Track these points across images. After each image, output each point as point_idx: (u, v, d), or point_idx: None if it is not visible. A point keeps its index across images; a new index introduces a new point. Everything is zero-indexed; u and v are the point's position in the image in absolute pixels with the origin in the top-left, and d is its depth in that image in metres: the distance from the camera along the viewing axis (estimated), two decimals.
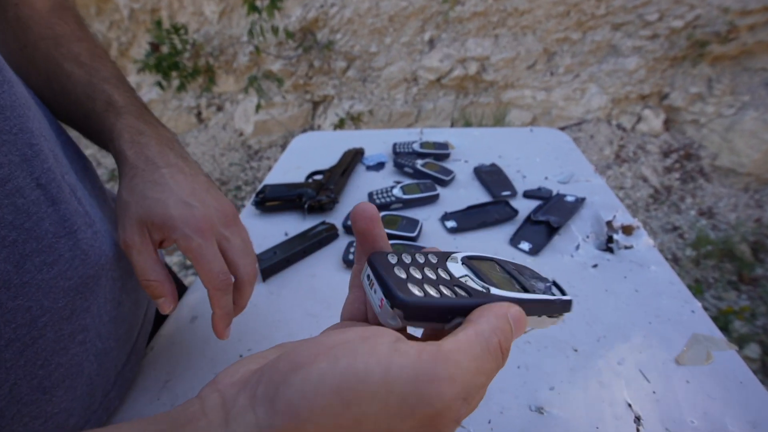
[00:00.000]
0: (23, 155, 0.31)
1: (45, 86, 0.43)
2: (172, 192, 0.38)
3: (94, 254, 0.36)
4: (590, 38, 2.78)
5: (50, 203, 0.32)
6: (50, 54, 0.43)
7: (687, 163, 2.73)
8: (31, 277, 0.31)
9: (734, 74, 2.66)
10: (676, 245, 2.37)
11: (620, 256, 0.61)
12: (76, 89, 0.42)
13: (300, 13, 2.92)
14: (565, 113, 2.94)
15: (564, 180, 0.78)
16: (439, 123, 3.08)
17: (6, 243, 0.29)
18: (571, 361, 0.47)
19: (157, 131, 0.43)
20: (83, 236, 0.35)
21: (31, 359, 0.31)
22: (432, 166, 0.81)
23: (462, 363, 0.19)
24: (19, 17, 0.42)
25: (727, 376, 0.44)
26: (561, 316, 0.27)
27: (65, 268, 0.33)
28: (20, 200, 0.30)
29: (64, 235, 0.33)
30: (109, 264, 0.38)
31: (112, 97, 0.42)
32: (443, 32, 2.92)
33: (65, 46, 0.43)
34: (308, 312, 0.54)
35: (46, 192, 0.32)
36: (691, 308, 0.52)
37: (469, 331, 0.21)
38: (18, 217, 0.30)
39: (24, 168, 0.31)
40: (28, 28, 0.43)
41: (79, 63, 0.43)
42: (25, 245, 0.30)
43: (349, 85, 3.14)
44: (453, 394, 0.19)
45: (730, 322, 1.88)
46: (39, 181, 0.32)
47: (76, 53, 0.44)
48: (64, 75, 0.42)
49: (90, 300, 0.36)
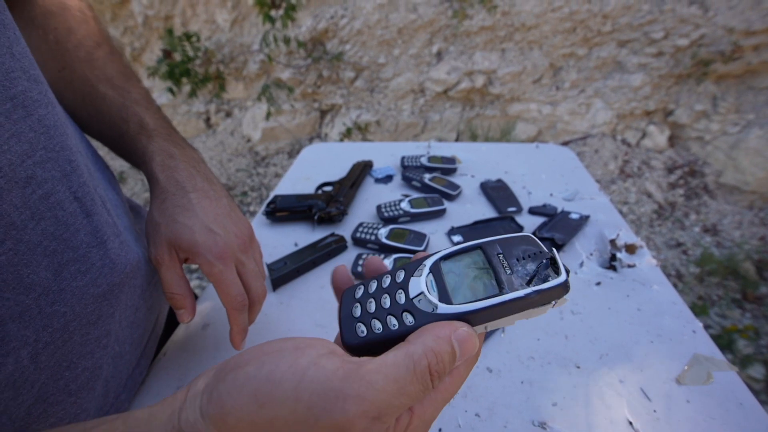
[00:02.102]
0: (63, 171, 0.33)
1: (80, 106, 0.46)
2: (197, 218, 0.42)
3: (120, 263, 0.38)
4: (596, 54, 2.81)
5: (85, 215, 0.35)
6: (86, 76, 0.46)
7: (691, 179, 2.74)
8: (67, 285, 0.33)
9: (739, 92, 2.68)
10: (680, 262, 2.36)
11: (623, 274, 0.62)
12: (111, 111, 0.46)
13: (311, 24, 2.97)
14: (570, 127, 2.96)
15: (569, 197, 0.80)
16: (446, 134, 3.11)
17: (47, 252, 0.31)
18: (574, 377, 0.48)
19: (185, 153, 0.46)
20: (112, 246, 0.37)
21: (59, 361, 0.33)
22: (439, 181, 0.82)
23: (377, 384, 0.20)
24: (59, 41, 0.45)
25: (727, 397, 0.45)
26: (559, 300, 0.25)
27: (96, 276, 0.35)
28: (60, 212, 0.32)
29: (96, 245, 0.36)
30: (132, 272, 0.40)
31: (143, 120, 0.46)
32: (451, 45, 2.96)
33: (100, 68, 0.46)
34: (317, 323, 0.55)
35: (82, 205, 0.35)
36: (693, 328, 0.53)
37: (399, 352, 0.22)
38: (58, 229, 0.32)
39: (64, 183, 0.33)
40: (66, 51, 0.46)
41: (112, 85, 0.46)
42: (63, 255, 0.33)
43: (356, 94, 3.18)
44: (358, 412, 0.20)
45: (734, 341, 1.87)
46: (76, 195, 0.34)
47: (109, 75, 0.47)
48: (99, 97, 0.46)
49: (114, 306, 0.38)
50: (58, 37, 0.45)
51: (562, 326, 0.54)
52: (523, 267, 0.25)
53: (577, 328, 0.54)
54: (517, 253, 0.26)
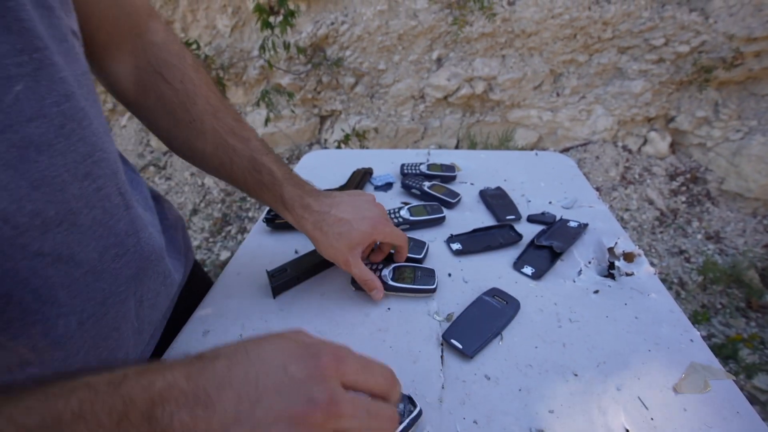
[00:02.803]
0: (113, 170, 0.41)
1: (212, 154, 0.53)
2: (350, 221, 0.54)
3: (148, 251, 0.46)
4: (596, 61, 2.82)
5: (126, 208, 0.42)
6: (215, 129, 0.53)
7: (693, 186, 2.74)
8: (108, 265, 0.40)
9: (741, 99, 2.68)
10: (682, 269, 2.36)
11: (621, 282, 0.62)
12: (242, 162, 0.53)
13: (311, 30, 2.99)
14: (570, 134, 2.97)
15: (567, 205, 0.80)
16: (445, 140, 3.12)
17: (95, 236, 0.38)
18: (571, 385, 0.48)
19: (305, 189, 0.56)
20: (143, 236, 0.45)
21: (99, 332, 0.39)
22: (439, 188, 0.83)
23: None
24: (187, 93, 0.51)
25: (724, 405, 0.45)
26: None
27: (129, 259, 0.42)
28: (107, 204, 0.40)
29: (132, 233, 0.43)
30: (156, 260, 0.47)
31: (272, 170, 0.54)
32: (451, 51, 2.97)
33: (223, 119, 0.53)
34: (317, 330, 0.56)
35: (124, 199, 0.42)
36: (690, 337, 0.53)
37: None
38: (105, 217, 0.39)
39: (113, 180, 0.40)
40: (195, 105, 0.52)
41: (237, 137, 0.53)
42: (107, 239, 0.40)
43: (356, 100, 3.19)
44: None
45: (739, 349, 1.85)
46: (120, 190, 0.42)
47: (231, 126, 0.53)
48: (230, 149, 0.53)
49: (139, 287, 0.45)
50: (187, 89, 0.51)
51: (560, 334, 0.54)
52: None
53: (575, 336, 0.54)
54: None
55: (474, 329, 0.54)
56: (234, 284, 0.65)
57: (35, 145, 0.32)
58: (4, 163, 0.30)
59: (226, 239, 2.77)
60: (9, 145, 0.30)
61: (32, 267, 0.33)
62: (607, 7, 2.67)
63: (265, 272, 0.63)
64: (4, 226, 0.30)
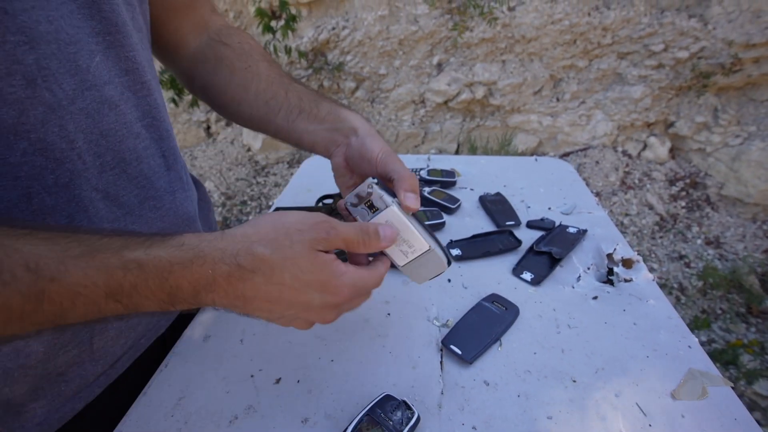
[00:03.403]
0: (160, 135, 0.49)
1: (267, 89, 0.56)
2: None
3: (182, 211, 0.52)
4: (596, 66, 2.84)
5: (166, 169, 0.50)
6: (269, 69, 0.57)
7: (693, 191, 2.74)
8: (145, 213, 0.47)
9: (740, 104, 2.69)
10: (682, 274, 2.36)
11: (620, 288, 0.63)
12: (299, 87, 0.56)
13: (312, 35, 3.01)
14: (570, 139, 2.97)
15: (567, 211, 0.80)
16: (446, 145, 3.13)
17: (138, 186, 0.46)
18: (570, 391, 0.48)
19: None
20: (179, 197, 0.52)
21: None
22: (439, 194, 0.83)
23: (342, 224, 0.38)
24: (243, 49, 0.59)
25: (722, 412, 0.45)
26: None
27: (164, 214, 0.49)
28: (152, 161, 0.48)
29: (169, 191, 0.50)
30: (188, 221, 0.53)
31: (325, 94, 0.58)
32: (452, 56, 2.99)
33: (276, 66, 0.59)
34: (317, 335, 0.56)
35: (166, 161, 0.50)
36: (688, 343, 0.53)
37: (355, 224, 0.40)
38: (148, 171, 0.47)
39: (158, 143, 0.49)
40: (251, 55, 0.58)
41: (289, 78, 0.58)
42: (147, 191, 0.47)
43: (357, 105, 3.20)
44: (329, 228, 0.37)
45: (739, 355, 1.85)
46: (164, 153, 0.50)
47: (286, 72, 0.59)
48: (287, 80, 0.57)
49: None
50: (244, 47, 0.59)
51: (559, 340, 0.55)
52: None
53: (574, 342, 0.54)
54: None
55: (473, 335, 0.54)
56: None
57: (108, 103, 0.41)
58: (87, 113, 0.39)
59: None
60: (92, 99, 0.40)
61: (90, 198, 0.41)
62: (606, 13, 2.68)
63: None
64: (77, 161, 0.39)
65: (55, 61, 0.36)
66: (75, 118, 0.38)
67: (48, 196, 0.37)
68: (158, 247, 0.32)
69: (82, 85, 0.39)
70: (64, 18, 0.37)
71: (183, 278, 0.32)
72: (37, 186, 0.36)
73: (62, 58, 0.37)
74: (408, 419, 0.44)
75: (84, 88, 0.39)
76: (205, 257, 0.32)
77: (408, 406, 0.45)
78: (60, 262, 0.29)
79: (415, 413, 0.44)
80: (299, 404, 0.47)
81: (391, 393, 0.46)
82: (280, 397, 0.48)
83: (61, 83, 0.37)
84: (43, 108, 0.35)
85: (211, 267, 0.32)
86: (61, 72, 0.37)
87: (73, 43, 0.38)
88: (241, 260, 0.33)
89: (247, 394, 0.49)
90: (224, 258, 0.33)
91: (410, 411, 0.44)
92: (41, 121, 0.36)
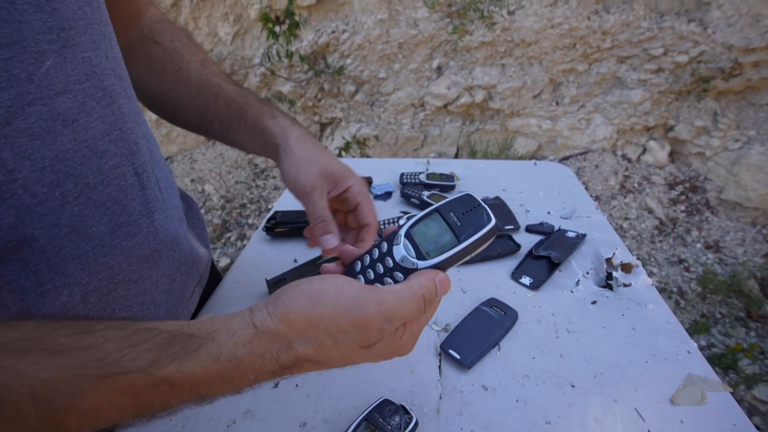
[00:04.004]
0: (130, 150, 0.41)
1: (198, 96, 0.54)
2: (333, 158, 0.50)
3: (163, 233, 0.45)
4: (596, 70, 2.84)
5: (140, 188, 0.43)
6: (200, 72, 0.55)
7: (693, 195, 2.74)
8: (118, 242, 0.40)
9: (739, 109, 2.70)
10: (682, 279, 2.35)
11: (619, 293, 0.62)
12: (227, 93, 0.54)
13: (312, 38, 3.02)
14: (570, 142, 2.98)
15: (566, 215, 0.80)
16: (445, 148, 3.13)
17: (108, 212, 0.39)
18: (569, 396, 0.48)
19: (296, 121, 0.54)
20: (158, 218, 0.45)
21: (104, 308, 0.40)
22: (437, 198, 0.83)
23: (388, 297, 0.32)
24: (175, 48, 0.55)
25: (721, 417, 0.45)
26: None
27: (141, 240, 0.43)
28: (122, 182, 0.40)
29: (146, 214, 0.43)
30: (171, 243, 0.47)
31: (257, 97, 0.54)
32: (451, 60, 3.00)
33: (209, 67, 0.56)
34: None
35: (139, 179, 0.43)
36: (687, 348, 0.53)
37: (402, 284, 0.33)
38: (119, 195, 0.40)
39: (129, 159, 0.41)
40: (182, 56, 0.55)
41: (222, 77, 0.56)
42: (119, 217, 0.40)
43: (357, 108, 3.21)
44: (377, 312, 0.31)
45: (739, 359, 1.84)
46: (137, 171, 0.42)
47: (217, 72, 0.56)
48: (215, 86, 0.54)
49: (153, 270, 0.45)
50: (176, 45, 0.55)
51: (558, 345, 0.54)
52: (469, 219, 0.35)
53: (573, 347, 0.54)
54: (463, 209, 0.36)
55: (472, 339, 0.54)
56: (233, 293, 0.65)
57: (62, 119, 0.34)
58: (32, 134, 0.32)
59: (226, 246, 2.77)
60: (38, 116, 0.32)
61: (48, 237, 0.34)
62: (606, 17, 2.69)
63: (265, 281, 0.63)
64: (24, 194, 0.32)
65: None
66: (12, 142, 0.31)
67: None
68: (191, 361, 0.28)
69: (20, 100, 0.31)
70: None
71: (222, 388, 0.30)
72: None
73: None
74: (406, 424, 0.43)
75: (24, 104, 0.31)
76: (245, 367, 0.30)
77: (406, 410, 0.45)
78: (75, 387, 0.25)
79: (414, 418, 0.44)
80: (297, 408, 0.47)
81: (390, 397, 0.46)
82: (278, 402, 0.48)
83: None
84: None
85: (252, 374, 0.30)
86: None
87: (5, 47, 0.30)
88: (283, 361, 0.31)
89: (245, 398, 0.49)
90: (265, 363, 0.30)
91: (408, 416, 0.44)
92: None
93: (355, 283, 0.33)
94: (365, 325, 0.31)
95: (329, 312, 0.31)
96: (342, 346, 0.31)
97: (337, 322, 0.31)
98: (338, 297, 0.31)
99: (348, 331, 0.31)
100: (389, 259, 0.35)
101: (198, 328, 0.30)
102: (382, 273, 0.35)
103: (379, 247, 0.37)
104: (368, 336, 0.31)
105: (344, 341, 0.31)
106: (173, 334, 0.28)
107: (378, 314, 0.31)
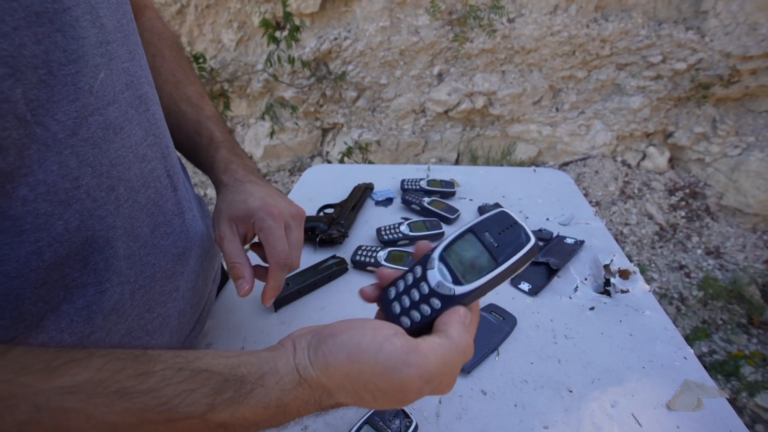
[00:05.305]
0: (163, 153, 0.45)
1: (166, 118, 0.53)
2: (251, 195, 0.49)
3: (192, 231, 0.48)
4: (595, 77, 2.86)
5: (173, 189, 0.46)
6: (171, 95, 0.55)
7: (693, 201, 2.75)
8: (158, 242, 0.43)
9: (738, 115, 2.71)
10: (682, 284, 2.36)
11: (617, 299, 0.63)
12: (187, 125, 0.55)
13: (314, 45, 3.04)
14: (570, 148, 2.99)
15: (564, 222, 0.81)
16: (446, 154, 3.15)
17: (149, 214, 0.42)
18: (566, 401, 0.49)
19: (243, 161, 0.55)
20: (188, 217, 0.48)
21: (145, 303, 0.41)
22: (438, 204, 0.84)
23: (429, 357, 0.30)
24: (154, 65, 0.55)
25: (717, 423, 0.46)
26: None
27: (176, 238, 0.45)
28: (159, 185, 0.43)
29: (178, 214, 0.46)
30: (199, 240, 0.50)
31: (213, 134, 0.55)
32: (452, 67, 3.02)
33: (182, 89, 0.56)
34: None
35: (171, 181, 0.46)
36: (684, 354, 0.54)
37: (441, 336, 0.32)
38: (156, 196, 0.43)
39: (162, 162, 0.44)
40: (159, 74, 0.55)
41: (190, 104, 0.56)
42: (157, 217, 0.43)
43: (358, 114, 3.23)
44: (416, 375, 0.30)
45: (741, 366, 1.84)
46: (169, 173, 0.45)
47: (188, 95, 0.56)
48: (180, 113, 0.55)
49: (184, 266, 0.47)
50: (155, 63, 0.55)
51: (556, 350, 0.55)
52: (506, 238, 0.33)
53: (571, 353, 0.55)
54: (499, 228, 0.33)
55: None
56: (236, 297, 0.66)
57: (113, 127, 0.36)
58: (93, 143, 0.34)
59: None
60: (97, 126, 0.35)
61: (107, 238, 0.36)
62: (605, 25, 2.71)
63: None
64: (86, 199, 0.34)
65: (45, 90, 0.30)
66: (78, 151, 0.33)
67: (60, 246, 0.33)
68: (244, 407, 0.30)
69: (84, 111, 0.33)
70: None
71: (269, 426, 0.32)
72: (46, 237, 0.32)
73: (55, 84, 0.31)
74: (406, 427, 0.44)
75: (87, 114, 0.33)
76: (291, 411, 0.31)
77: (406, 414, 0.45)
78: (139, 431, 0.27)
79: (413, 421, 0.45)
80: None
81: None
82: None
83: (54, 114, 0.31)
84: (36, 146, 0.30)
85: (297, 415, 0.32)
86: (54, 101, 0.31)
87: (72, 62, 0.31)
88: (325, 405, 0.32)
89: None
90: (308, 408, 0.32)
91: (408, 419, 0.45)
92: (37, 161, 0.30)
93: (396, 340, 0.31)
94: (404, 388, 0.31)
95: (367, 371, 0.30)
96: (380, 401, 0.32)
97: (375, 382, 0.31)
98: (377, 357, 0.30)
99: (387, 392, 0.31)
100: (425, 285, 0.34)
101: (248, 370, 0.31)
102: (418, 300, 0.34)
103: (413, 271, 0.35)
104: (406, 397, 0.32)
105: (382, 398, 0.32)
106: (226, 378, 0.30)
107: (417, 378, 0.30)
